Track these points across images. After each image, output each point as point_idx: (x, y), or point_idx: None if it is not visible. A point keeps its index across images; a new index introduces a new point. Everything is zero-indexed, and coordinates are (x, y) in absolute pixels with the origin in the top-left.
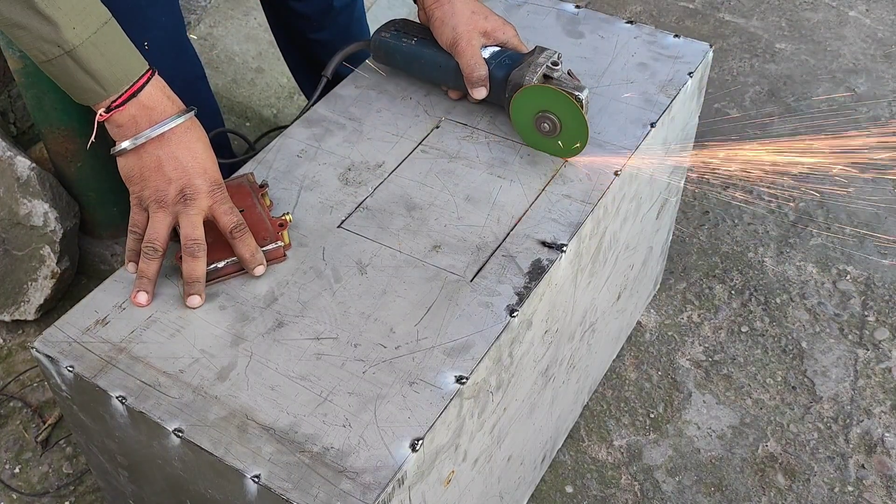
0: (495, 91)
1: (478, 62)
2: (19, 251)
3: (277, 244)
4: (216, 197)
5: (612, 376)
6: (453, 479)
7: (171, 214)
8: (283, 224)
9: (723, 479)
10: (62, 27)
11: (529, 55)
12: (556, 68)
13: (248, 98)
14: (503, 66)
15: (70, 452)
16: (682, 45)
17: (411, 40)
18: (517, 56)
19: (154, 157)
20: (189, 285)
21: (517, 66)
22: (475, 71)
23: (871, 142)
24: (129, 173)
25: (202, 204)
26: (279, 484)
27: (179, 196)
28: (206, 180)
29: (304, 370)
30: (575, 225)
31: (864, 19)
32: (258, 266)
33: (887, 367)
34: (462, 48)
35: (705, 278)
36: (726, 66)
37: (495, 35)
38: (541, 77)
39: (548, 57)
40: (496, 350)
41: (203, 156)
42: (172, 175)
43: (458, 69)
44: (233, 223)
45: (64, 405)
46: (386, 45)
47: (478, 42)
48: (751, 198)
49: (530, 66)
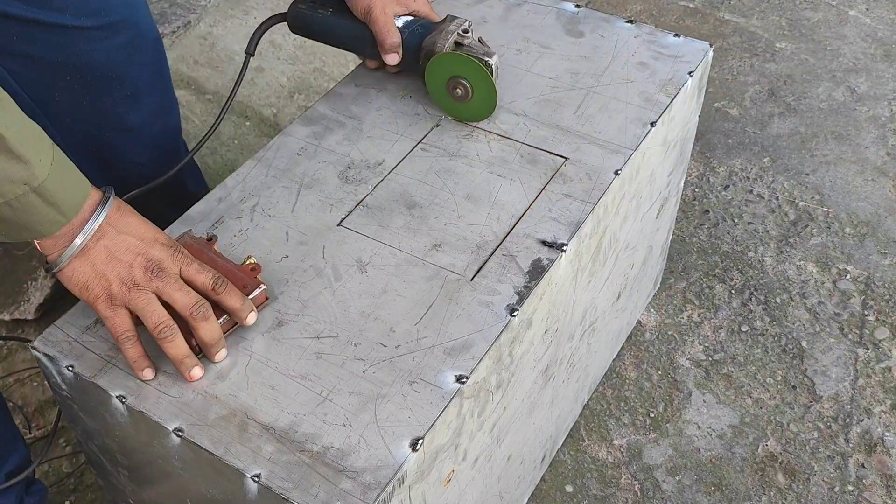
0: (409, 59)
1: (391, 30)
2: (19, 250)
3: (261, 288)
4: (181, 259)
5: (612, 376)
6: (453, 479)
7: (153, 292)
8: (254, 268)
9: (723, 478)
10: (33, 163)
11: (441, 23)
12: (466, 35)
13: (248, 97)
14: (416, 34)
15: (70, 451)
16: (682, 45)
17: (327, 10)
18: (429, 24)
19: (101, 249)
20: (214, 347)
21: (429, 34)
22: (388, 38)
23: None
24: (81, 280)
25: (173, 270)
26: (279, 483)
27: (147, 273)
28: (162, 248)
29: (304, 369)
30: (575, 224)
31: (864, 18)
32: (250, 314)
33: (887, 367)
34: (376, 16)
35: (705, 278)
36: (726, 65)
37: (407, 4)
38: (452, 44)
39: (459, 24)
40: (496, 349)
41: (144, 227)
42: (127, 258)
43: (373, 38)
44: (211, 280)
45: (64, 404)
46: (303, 17)
47: (391, 10)
48: (751, 197)
49: (441, 34)
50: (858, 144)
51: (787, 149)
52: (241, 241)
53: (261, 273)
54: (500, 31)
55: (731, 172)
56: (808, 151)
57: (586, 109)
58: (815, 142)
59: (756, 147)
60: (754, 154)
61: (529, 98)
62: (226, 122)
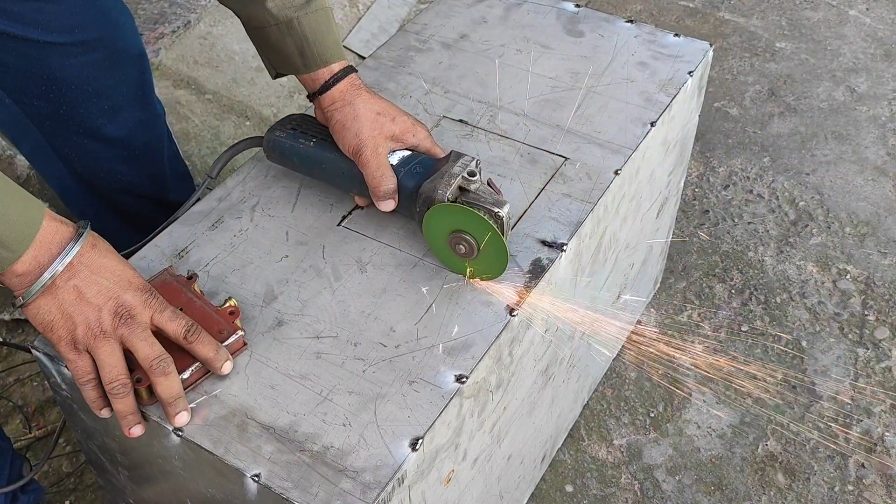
0: (405, 202)
1: (384, 174)
2: None
3: (237, 334)
4: (153, 306)
5: (612, 376)
6: (453, 478)
7: (117, 341)
8: (233, 312)
9: (723, 478)
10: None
11: (444, 161)
12: (472, 179)
13: (248, 97)
14: (414, 174)
15: (70, 451)
16: (682, 45)
17: (309, 141)
18: (430, 162)
19: (70, 288)
20: (172, 405)
21: (429, 174)
22: (381, 185)
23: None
24: (47, 318)
25: (143, 318)
26: (279, 483)
27: (116, 319)
28: (135, 293)
29: (304, 369)
30: (575, 224)
31: (864, 18)
32: (225, 363)
33: (887, 367)
34: (367, 158)
35: (705, 277)
36: (726, 65)
37: (404, 139)
38: (455, 190)
39: (464, 165)
40: (496, 349)
41: (120, 268)
42: (98, 301)
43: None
44: (184, 328)
45: (64, 404)
46: (281, 146)
47: (384, 149)
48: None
49: (443, 178)
50: (858, 144)
51: (787, 148)
52: (241, 241)
53: (239, 317)
54: (500, 31)
55: (731, 172)
56: (808, 151)
57: (586, 109)
58: (815, 141)
59: (756, 147)
60: (754, 154)
61: (529, 98)
62: (226, 121)
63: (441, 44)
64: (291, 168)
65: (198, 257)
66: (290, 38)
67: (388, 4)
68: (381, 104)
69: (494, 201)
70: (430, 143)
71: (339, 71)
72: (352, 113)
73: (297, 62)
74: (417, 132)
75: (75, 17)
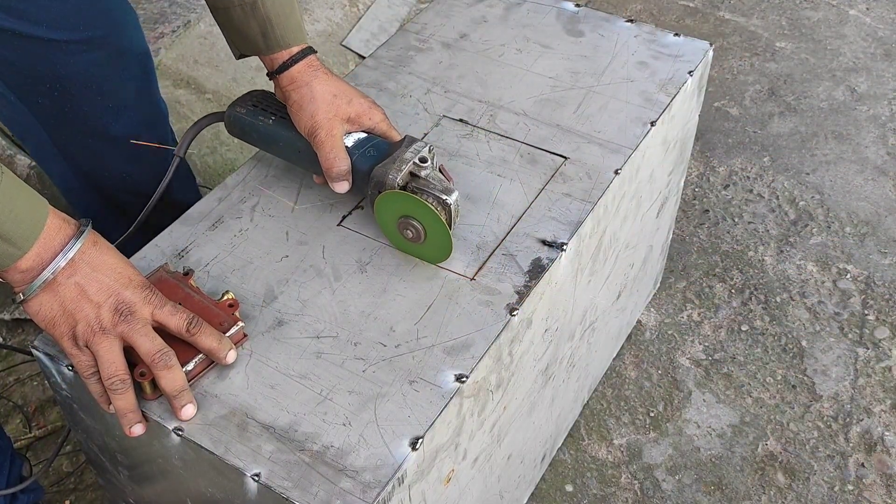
0: (359, 184)
1: (338, 155)
2: None
3: (238, 325)
4: (153, 302)
5: (612, 375)
6: (453, 478)
7: (117, 337)
8: (232, 304)
9: (723, 477)
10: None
11: (397, 146)
12: (424, 166)
13: None
14: (368, 157)
15: (70, 451)
16: (682, 44)
17: (269, 119)
18: (384, 146)
19: (71, 285)
20: (177, 398)
21: (383, 158)
22: (334, 166)
23: None
24: (49, 315)
25: (143, 314)
26: (279, 482)
27: (116, 316)
28: (135, 290)
29: (304, 369)
30: (575, 224)
31: (864, 18)
32: (229, 352)
33: (887, 366)
34: (321, 139)
35: (705, 277)
36: (726, 64)
37: (360, 121)
38: (406, 176)
39: (416, 151)
40: (496, 349)
41: (120, 265)
42: (98, 297)
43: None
44: (185, 321)
45: (64, 404)
46: (241, 122)
47: (339, 131)
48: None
49: (395, 163)
50: (858, 144)
51: (787, 148)
52: (241, 240)
53: (238, 309)
54: (500, 31)
55: (731, 172)
56: (808, 151)
57: (586, 109)
58: (815, 141)
59: (756, 146)
60: (754, 153)
61: (529, 97)
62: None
63: (441, 43)
64: (252, 144)
65: (198, 257)
66: (253, 19)
67: (388, 4)
68: (338, 85)
69: (443, 188)
70: (385, 125)
71: (298, 52)
72: (308, 94)
73: (259, 43)
74: (374, 115)
75: (80, 15)
